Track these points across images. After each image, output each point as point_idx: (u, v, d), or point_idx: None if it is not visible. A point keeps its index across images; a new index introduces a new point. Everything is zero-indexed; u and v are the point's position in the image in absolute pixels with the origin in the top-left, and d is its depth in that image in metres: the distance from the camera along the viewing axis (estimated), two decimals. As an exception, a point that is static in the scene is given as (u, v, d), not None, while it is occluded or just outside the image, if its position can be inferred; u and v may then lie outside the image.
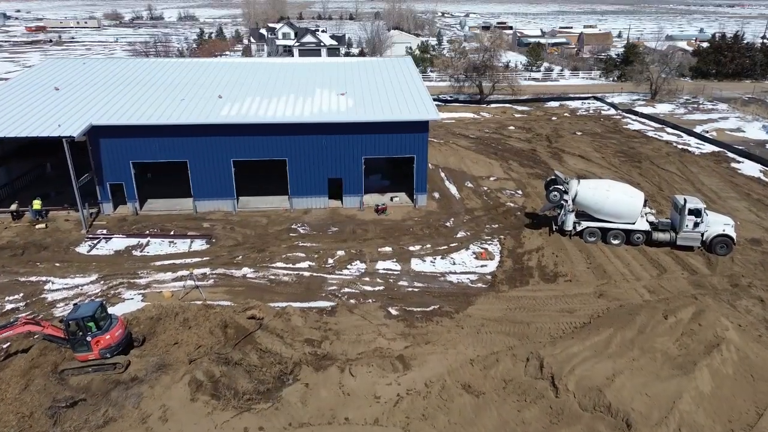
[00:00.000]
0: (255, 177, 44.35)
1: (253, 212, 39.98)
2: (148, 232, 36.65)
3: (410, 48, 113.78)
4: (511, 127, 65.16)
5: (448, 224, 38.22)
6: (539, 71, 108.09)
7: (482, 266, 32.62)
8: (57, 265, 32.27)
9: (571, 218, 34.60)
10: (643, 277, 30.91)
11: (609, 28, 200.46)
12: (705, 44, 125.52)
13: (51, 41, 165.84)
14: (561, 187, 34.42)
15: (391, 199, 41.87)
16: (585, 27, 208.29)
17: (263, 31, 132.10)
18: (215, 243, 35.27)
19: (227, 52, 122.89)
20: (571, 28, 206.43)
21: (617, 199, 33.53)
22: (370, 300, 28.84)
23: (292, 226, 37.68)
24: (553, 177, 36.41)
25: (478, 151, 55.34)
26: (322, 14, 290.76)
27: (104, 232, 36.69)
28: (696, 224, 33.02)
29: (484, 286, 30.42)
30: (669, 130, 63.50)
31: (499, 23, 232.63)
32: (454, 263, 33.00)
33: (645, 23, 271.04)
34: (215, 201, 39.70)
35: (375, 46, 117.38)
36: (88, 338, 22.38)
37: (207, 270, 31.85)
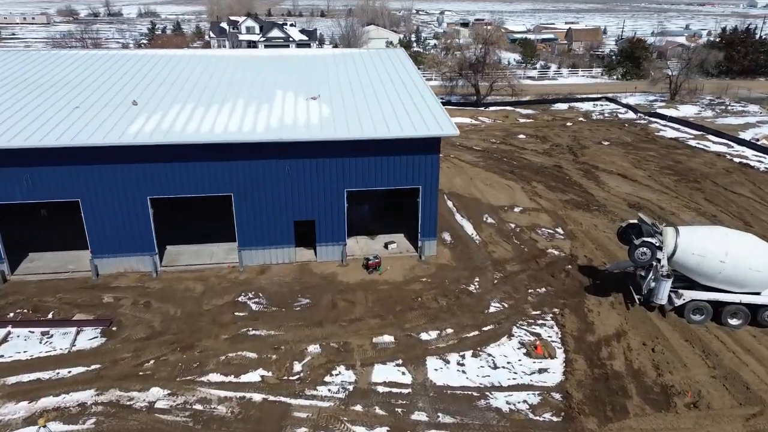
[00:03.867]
0: (191, 215, 31.51)
1: (184, 272, 27.16)
2: (10, 315, 23.54)
3: (391, 43, 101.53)
4: (522, 136, 53.43)
5: (472, 288, 26.02)
6: (534, 69, 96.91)
7: (541, 371, 20.53)
8: None
9: (667, 286, 22.70)
10: (805, 392, 19.23)
11: (590, 25, 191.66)
12: (702, 40, 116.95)
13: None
14: (652, 240, 22.53)
15: (386, 246, 29.51)
16: (565, 23, 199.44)
17: (224, 25, 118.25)
18: (116, 334, 22.46)
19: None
20: (554, 24, 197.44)
21: (743, 258, 21.80)
22: (367, 462, 16.49)
23: (240, 298, 25.00)
24: (632, 222, 24.57)
25: (488, 169, 43.35)
26: (292, 11, 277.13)
27: (-57, 315, 23.53)
28: None
29: (554, 418, 18.29)
30: (712, 137, 52.53)
31: (477, 20, 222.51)
32: (495, 365, 20.84)
33: (624, 21, 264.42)
34: (126, 258, 26.76)
35: (350, 42, 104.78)
36: None
37: (90, 394, 19.06)
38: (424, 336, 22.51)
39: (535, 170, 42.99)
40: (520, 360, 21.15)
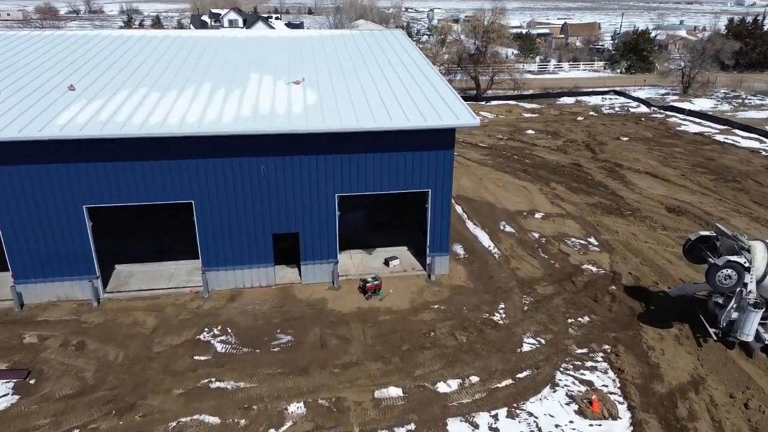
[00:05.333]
0: (150, 224, 26.07)
1: (134, 301, 21.57)
2: None
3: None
4: (530, 131, 48.25)
5: (497, 318, 20.69)
6: (534, 63, 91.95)
7: (602, 439, 15.27)
8: None
9: (756, 319, 17.51)
10: None
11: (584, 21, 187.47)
12: (702, 35, 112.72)
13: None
14: (738, 260, 17.31)
15: (387, 262, 24.12)
16: (558, 19, 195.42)
17: (206, 18, 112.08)
18: (33, 390, 16.87)
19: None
20: (548, 20, 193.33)
21: None
22: None
23: (203, 335, 19.47)
24: (704, 234, 19.38)
25: (499, 168, 38.08)
26: (279, 8, 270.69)
27: None
28: None
29: None
30: (739, 132, 47.69)
31: (467, 17, 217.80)
32: (540, 431, 15.53)
33: (614, 18, 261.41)
34: (58, 283, 21.11)
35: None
36: None
37: (-22, 490, 13.52)
38: (441, 387, 17.15)
39: (552, 169, 37.78)
40: (572, 422, 15.85)
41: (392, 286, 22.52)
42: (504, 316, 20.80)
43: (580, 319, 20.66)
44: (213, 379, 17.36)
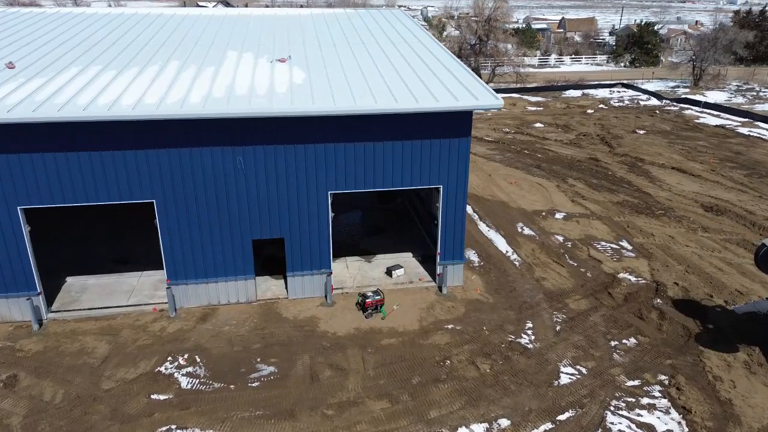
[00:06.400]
0: (110, 227, 22.43)
1: (84, 321, 17.78)
2: None
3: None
4: (539, 125, 44.72)
5: (525, 340, 17.07)
6: (535, 56, 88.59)
7: None
8: None
9: None
10: None
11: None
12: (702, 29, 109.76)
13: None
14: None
15: (390, 272, 20.45)
16: (553, 16, 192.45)
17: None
18: (-62, 446, 13.13)
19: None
20: (544, 16, 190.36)
21: None
22: None
23: (165, 367, 15.71)
24: (783, 238, 15.90)
25: (509, 164, 34.52)
26: (269, 5, 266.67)
27: None
28: None
29: None
30: (762, 125, 44.39)
31: (461, 15, 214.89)
32: (596, 496, 11.94)
33: (608, 15, 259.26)
34: (-10, 302, 17.37)
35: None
36: None
37: None
38: (463, 434, 13.55)
39: (568, 164, 34.25)
40: (635, 483, 12.28)
41: (397, 301, 18.89)
42: (533, 338, 17.20)
43: (625, 341, 17.09)
44: (173, 427, 13.66)
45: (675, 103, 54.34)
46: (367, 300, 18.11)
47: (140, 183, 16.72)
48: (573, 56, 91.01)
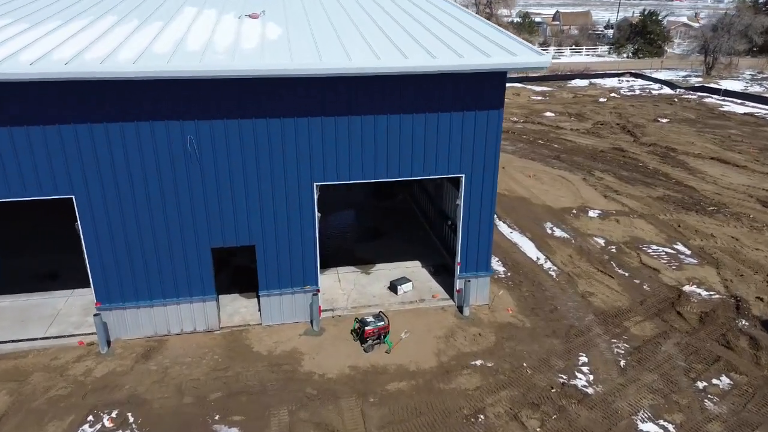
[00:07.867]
0: (35, 233, 17.78)
1: (-18, 361, 13.12)
2: None
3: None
4: (550, 114, 40.41)
5: (582, 382, 12.59)
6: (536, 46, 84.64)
7: None
8: None
9: None
10: None
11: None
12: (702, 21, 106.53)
13: None
14: None
15: (394, 288, 15.90)
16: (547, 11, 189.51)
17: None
18: None
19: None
20: (538, 11, 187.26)
21: None
22: None
23: (85, 430, 11.13)
24: None
25: (523, 155, 30.15)
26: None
27: None
28: None
29: None
30: (794, 112, 40.52)
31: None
32: None
33: (600, 12, 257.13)
34: None
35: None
36: None
37: None
38: None
39: (590, 155, 29.92)
40: None
41: (406, 326, 14.39)
42: (592, 378, 12.75)
43: (715, 380, 12.68)
44: None
45: (691, 92, 50.40)
46: (366, 327, 13.56)
47: (52, 171, 12.07)
48: (573, 47, 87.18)
